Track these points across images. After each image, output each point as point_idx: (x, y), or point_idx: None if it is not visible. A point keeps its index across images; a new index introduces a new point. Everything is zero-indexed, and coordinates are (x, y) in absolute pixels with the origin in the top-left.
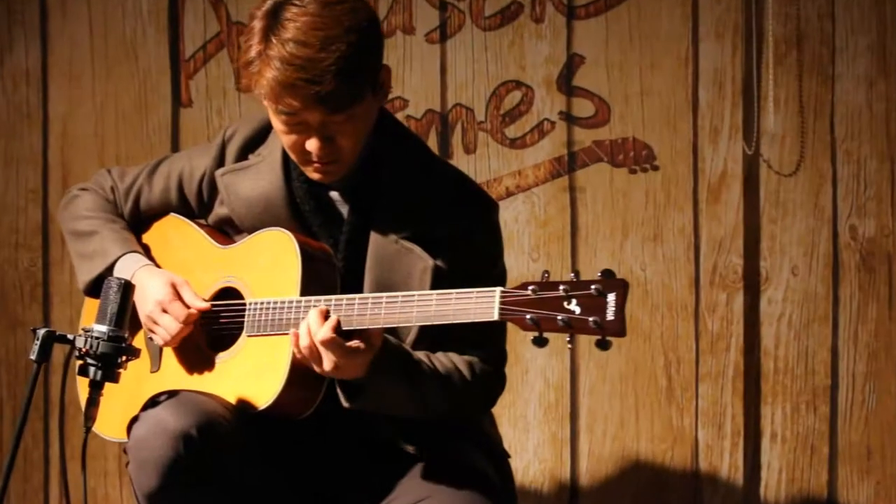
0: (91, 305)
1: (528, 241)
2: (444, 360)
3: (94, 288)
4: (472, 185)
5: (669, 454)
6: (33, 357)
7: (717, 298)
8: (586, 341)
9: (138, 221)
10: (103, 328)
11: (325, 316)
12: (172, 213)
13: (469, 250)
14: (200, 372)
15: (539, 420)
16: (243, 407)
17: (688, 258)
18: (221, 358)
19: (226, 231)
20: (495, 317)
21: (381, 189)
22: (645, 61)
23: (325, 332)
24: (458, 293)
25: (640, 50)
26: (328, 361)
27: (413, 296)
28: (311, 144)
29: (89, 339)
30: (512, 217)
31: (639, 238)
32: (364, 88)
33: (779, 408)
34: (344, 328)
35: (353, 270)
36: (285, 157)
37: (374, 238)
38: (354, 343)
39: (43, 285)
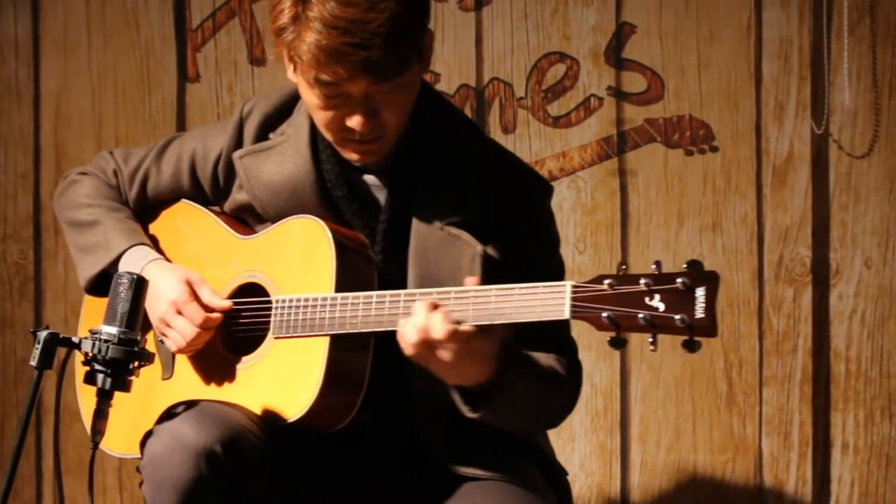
0: (92, 305)
1: (573, 230)
2: (536, 356)
3: (97, 285)
4: (525, 165)
5: (730, 466)
6: (34, 363)
7: (782, 294)
8: (638, 342)
9: (145, 209)
10: (113, 330)
11: (434, 306)
12: (184, 200)
13: (523, 237)
14: (220, 379)
15: (586, 429)
16: (271, 418)
17: (750, 250)
18: (244, 363)
19: (245, 220)
20: (566, 315)
21: (422, 171)
22: (702, 31)
23: (443, 324)
24: (521, 289)
25: (698, 18)
26: (451, 356)
27: (468, 292)
28: (354, 120)
29: (97, 343)
30: (555, 204)
31: (696, 227)
32: (412, 53)
33: (851, 415)
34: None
35: (393, 263)
36: (313, 135)
37: (417, 226)
38: (468, 327)
39: (34, 280)
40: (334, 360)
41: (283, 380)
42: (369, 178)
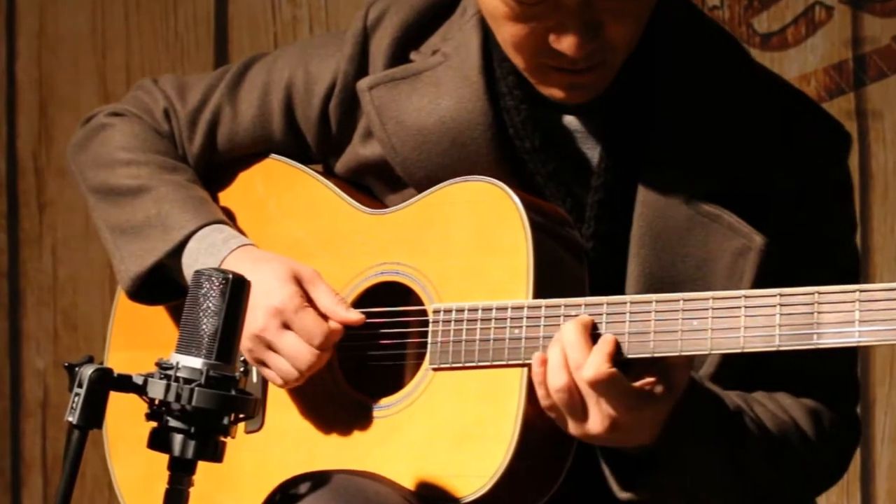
0: (129, 317)
1: None
2: (770, 405)
3: (147, 286)
4: (814, 104)
5: None
6: (74, 418)
7: None
8: (888, 357)
9: (212, 169)
10: (196, 363)
11: (590, 331)
12: (273, 156)
13: (822, 217)
14: (346, 433)
15: None
16: (437, 496)
17: None
18: (384, 407)
19: (369, 186)
20: None
21: (657, 112)
22: None
23: (598, 363)
24: (820, 294)
25: None
26: (598, 415)
27: (737, 298)
28: (566, 40)
29: (174, 385)
30: None
31: None
32: None
33: None
34: (628, 355)
35: (609, 252)
36: (485, 55)
37: (647, 197)
38: (647, 381)
39: (9, 276)
40: (535, 404)
41: (452, 435)
42: (572, 122)
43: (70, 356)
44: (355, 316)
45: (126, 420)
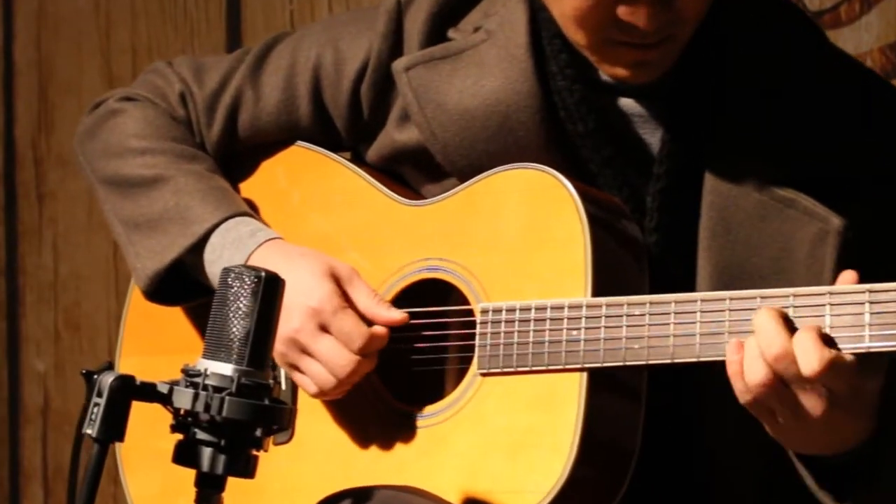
0: (143, 317)
1: None
2: None
3: (165, 285)
4: (888, 85)
5: None
6: (93, 431)
7: None
8: None
9: (233, 157)
10: (226, 369)
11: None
12: (300, 143)
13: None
14: (386, 445)
15: None
16: None
17: None
18: (428, 417)
19: (405, 175)
20: None
21: (721, 93)
22: None
23: (818, 350)
24: None
25: None
26: (820, 405)
27: (821, 295)
28: (637, 11)
29: (203, 394)
30: None
31: None
32: None
33: None
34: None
35: (674, 246)
36: (534, 33)
37: (714, 185)
38: (850, 357)
39: (6, 273)
40: (594, 412)
41: (503, 446)
42: (629, 106)
43: (72, 358)
44: (398, 315)
45: (140, 430)
